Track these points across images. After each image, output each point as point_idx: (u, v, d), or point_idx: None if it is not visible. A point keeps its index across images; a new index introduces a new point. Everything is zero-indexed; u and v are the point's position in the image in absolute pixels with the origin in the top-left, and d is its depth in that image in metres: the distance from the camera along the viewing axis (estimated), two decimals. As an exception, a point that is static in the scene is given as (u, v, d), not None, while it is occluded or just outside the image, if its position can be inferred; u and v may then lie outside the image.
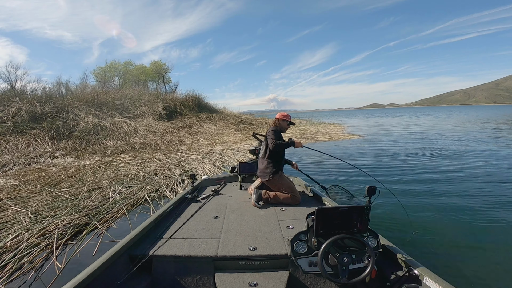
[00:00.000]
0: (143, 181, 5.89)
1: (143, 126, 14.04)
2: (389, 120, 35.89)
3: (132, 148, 10.75)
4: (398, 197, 4.63)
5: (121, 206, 4.43)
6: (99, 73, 27.29)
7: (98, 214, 4.16)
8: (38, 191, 5.29)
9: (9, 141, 9.54)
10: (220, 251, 2.10)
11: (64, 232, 3.55)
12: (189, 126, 16.38)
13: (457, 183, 5.61)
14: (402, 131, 18.29)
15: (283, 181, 3.37)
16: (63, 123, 11.81)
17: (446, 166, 7.18)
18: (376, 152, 10.00)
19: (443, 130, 18.01)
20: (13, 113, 11.61)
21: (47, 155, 9.09)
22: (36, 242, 3.26)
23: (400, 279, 1.84)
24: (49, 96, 14.61)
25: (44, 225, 3.67)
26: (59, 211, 4.18)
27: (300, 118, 30.34)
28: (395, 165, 7.54)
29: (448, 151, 9.68)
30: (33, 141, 9.94)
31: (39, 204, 4.49)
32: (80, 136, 11.24)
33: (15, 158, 8.42)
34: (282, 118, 3.58)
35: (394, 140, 13.69)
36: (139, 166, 7.47)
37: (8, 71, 16.09)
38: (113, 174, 6.60)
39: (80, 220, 3.90)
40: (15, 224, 3.73)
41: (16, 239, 3.30)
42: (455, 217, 3.91)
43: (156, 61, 30.09)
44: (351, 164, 4.40)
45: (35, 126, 11.01)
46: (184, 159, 8.49)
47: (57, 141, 10.42)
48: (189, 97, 21.21)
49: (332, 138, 14.78)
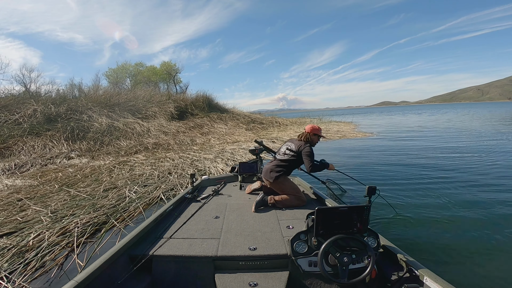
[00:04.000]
0: (158, 180, 5.92)
1: (155, 127, 14.15)
2: (409, 118, 33.89)
3: (145, 148, 10.85)
4: (399, 197, 4.68)
5: (137, 205, 4.46)
6: (111, 75, 27.69)
7: (116, 212, 4.19)
8: (56, 191, 5.37)
9: (26, 143, 9.74)
10: (220, 251, 2.10)
11: (84, 230, 3.58)
12: (200, 126, 16.44)
13: (465, 182, 5.46)
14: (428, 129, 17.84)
15: (288, 183, 3.30)
16: (78, 124, 12.01)
17: (462, 166, 6.99)
18: (386, 150, 9.85)
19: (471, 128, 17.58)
20: (29, 115, 11.87)
21: (62, 155, 9.24)
22: (57, 241, 3.30)
23: (400, 279, 1.84)
24: (63, 98, 14.89)
25: (64, 224, 3.71)
26: (78, 210, 4.23)
27: (310, 117, 30.09)
28: (402, 164, 7.39)
29: (456, 150, 9.45)
30: (49, 142, 10.13)
31: (58, 204, 4.56)
32: (94, 137, 11.41)
33: (32, 159, 8.58)
34: (314, 133, 3.42)
35: (411, 137, 13.43)
36: (153, 165, 7.52)
37: (23, 74, 16.48)
38: (128, 173, 6.66)
39: (99, 218, 3.94)
40: (36, 223, 3.78)
41: (37, 238, 3.35)
42: (457, 218, 3.84)
43: (166, 62, 30.36)
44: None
45: (51, 127, 11.22)
46: (196, 158, 8.52)
47: (72, 142, 10.60)
48: (200, 97, 21.28)
49: (344, 136, 14.60)
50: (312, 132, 3.42)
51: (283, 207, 3.11)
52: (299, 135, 3.47)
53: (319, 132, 3.45)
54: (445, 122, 22.87)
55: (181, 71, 31.33)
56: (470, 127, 17.53)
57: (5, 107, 12.12)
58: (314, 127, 3.44)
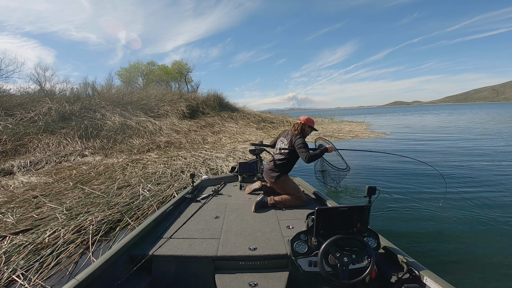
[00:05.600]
0: (171, 179, 5.90)
1: (167, 125, 14.22)
2: (428, 118, 32.81)
3: (157, 146, 10.89)
4: (400, 197, 4.72)
5: (151, 203, 4.43)
6: (123, 74, 28.00)
7: (130, 210, 4.17)
8: (71, 188, 5.40)
9: (41, 140, 9.89)
10: (220, 251, 2.10)
11: (98, 228, 3.56)
12: (211, 125, 16.44)
13: (470, 182, 5.49)
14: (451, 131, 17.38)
15: (289, 182, 3.28)
16: (91, 122, 12.17)
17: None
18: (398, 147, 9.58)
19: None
20: (44, 113, 12.08)
21: (76, 153, 9.34)
22: (72, 238, 3.28)
23: (400, 279, 1.83)
24: (77, 97, 15.12)
25: (79, 221, 3.70)
26: (92, 208, 4.22)
27: (321, 117, 29.81)
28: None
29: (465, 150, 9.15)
30: (63, 140, 10.27)
31: (72, 201, 4.57)
32: (107, 135, 11.53)
33: (47, 157, 8.70)
34: (309, 124, 3.37)
35: (425, 138, 13.12)
36: (165, 164, 7.52)
37: (38, 73, 16.85)
38: (141, 172, 6.66)
39: (113, 216, 3.92)
40: (51, 221, 3.78)
41: (53, 235, 3.34)
42: (458, 217, 3.85)
43: (178, 61, 30.56)
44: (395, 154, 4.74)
45: (65, 125, 11.39)
46: (208, 157, 8.49)
47: (85, 140, 10.73)
48: (211, 96, 21.32)
49: (356, 136, 14.38)
50: (307, 124, 3.36)
51: (283, 207, 3.10)
52: (294, 125, 3.42)
53: (313, 124, 3.42)
54: (472, 123, 22.27)
55: (192, 70, 31.54)
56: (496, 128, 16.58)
57: (21, 105, 12.35)
58: (309, 119, 3.40)
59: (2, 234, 3.36)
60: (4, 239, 3.28)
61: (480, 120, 25.02)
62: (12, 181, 6.19)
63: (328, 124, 23.50)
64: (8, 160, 8.14)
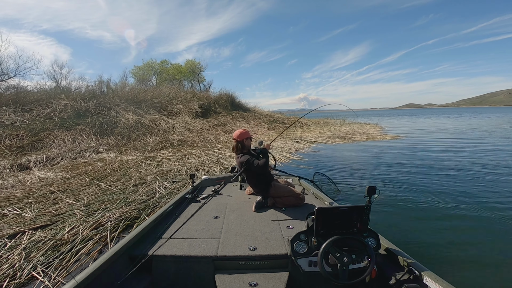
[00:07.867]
0: (186, 177, 5.85)
1: (180, 124, 14.26)
2: (444, 121, 31.41)
3: (170, 144, 10.92)
4: (400, 197, 4.71)
5: (167, 201, 4.38)
6: (137, 72, 28.26)
7: (147, 208, 4.14)
8: (87, 184, 5.40)
9: (57, 136, 10.01)
10: (220, 251, 2.09)
11: (116, 225, 3.53)
12: (223, 124, 16.42)
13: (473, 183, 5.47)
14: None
15: (280, 188, 3.22)
16: (106, 119, 12.28)
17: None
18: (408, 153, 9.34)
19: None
20: (60, 109, 12.27)
21: (91, 149, 9.42)
22: (90, 235, 3.24)
23: (400, 279, 1.83)
24: (92, 94, 15.29)
25: (97, 217, 3.67)
26: (109, 204, 4.19)
27: (334, 118, 29.47)
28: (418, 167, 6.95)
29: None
30: (78, 136, 10.38)
31: (89, 197, 4.55)
32: (122, 132, 11.63)
33: (63, 152, 8.79)
34: (246, 137, 3.26)
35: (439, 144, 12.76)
36: (179, 162, 7.49)
37: (54, 70, 17.14)
38: (156, 169, 6.64)
39: (130, 213, 3.88)
40: (69, 217, 3.76)
41: (72, 232, 3.31)
42: (458, 217, 3.88)
43: (191, 60, 30.66)
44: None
45: (80, 122, 11.52)
46: (222, 156, 8.44)
47: (100, 137, 10.83)
48: (223, 96, 21.35)
49: (370, 138, 14.14)
50: (243, 138, 3.26)
51: (283, 207, 3.09)
52: (232, 147, 3.38)
53: (248, 134, 3.32)
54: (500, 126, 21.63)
55: (205, 69, 31.60)
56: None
57: (38, 101, 12.55)
58: (242, 132, 3.28)
59: (22, 230, 3.35)
60: (23, 234, 3.26)
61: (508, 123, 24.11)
62: (29, 176, 6.23)
63: (340, 125, 23.19)
64: (24, 155, 8.24)
